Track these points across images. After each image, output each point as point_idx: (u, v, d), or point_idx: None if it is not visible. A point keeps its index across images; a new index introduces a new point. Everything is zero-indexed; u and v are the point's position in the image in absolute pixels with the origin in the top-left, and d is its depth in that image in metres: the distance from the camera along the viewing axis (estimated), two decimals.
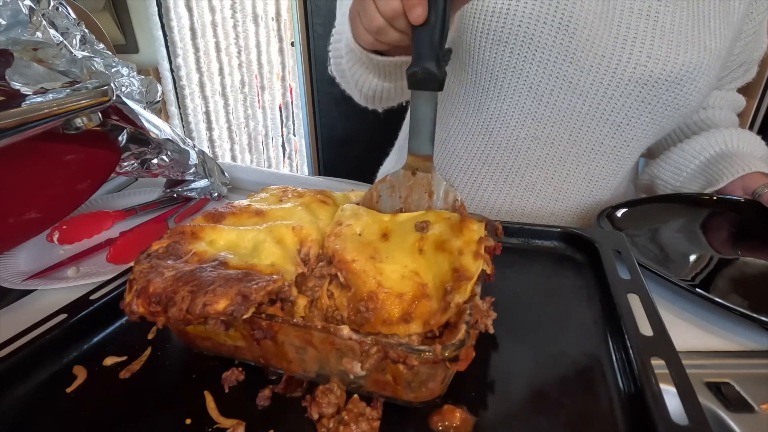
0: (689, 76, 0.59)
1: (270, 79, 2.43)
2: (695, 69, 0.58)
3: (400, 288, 0.35)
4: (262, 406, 0.33)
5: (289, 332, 0.32)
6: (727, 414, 0.35)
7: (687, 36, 0.58)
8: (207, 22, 1.98)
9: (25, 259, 0.59)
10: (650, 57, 0.57)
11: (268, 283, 0.33)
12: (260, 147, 2.49)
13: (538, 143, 0.66)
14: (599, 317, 0.41)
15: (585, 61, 0.58)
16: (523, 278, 0.47)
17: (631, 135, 0.65)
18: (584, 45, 0.57)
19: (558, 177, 0.69)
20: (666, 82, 0.59)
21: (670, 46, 0.57)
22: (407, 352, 0.28)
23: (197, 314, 0.31)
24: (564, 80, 0.60)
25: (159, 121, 0.67)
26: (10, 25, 0.50)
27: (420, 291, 0.35)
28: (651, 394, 0.30)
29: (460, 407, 0.32)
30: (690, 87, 0.60)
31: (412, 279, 0.36)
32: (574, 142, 0.66)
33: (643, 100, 0.61)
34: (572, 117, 0.63)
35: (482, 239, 0.37)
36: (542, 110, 0.63)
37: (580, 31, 0.57)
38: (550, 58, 0.59)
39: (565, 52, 0.58)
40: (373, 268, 0.37)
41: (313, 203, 0.46)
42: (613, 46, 0.57)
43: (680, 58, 0.58)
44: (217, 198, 0.77)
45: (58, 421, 0.33)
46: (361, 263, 0.37)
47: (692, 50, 0.58)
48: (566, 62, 0.59)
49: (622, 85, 0.59)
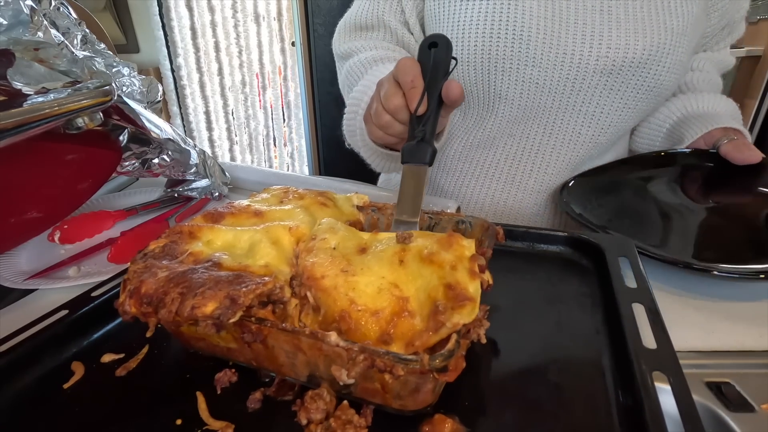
0: (652, 58, 0.61)
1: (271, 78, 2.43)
2: (657, 51, 0.60)
3: (375, 304, 0.32)
4: (252, 409, 0.33)
5: (279, 336, 0.32)
6: (728, 414, 0.35)
7: (645, 21, 0.60)
8: (207, 22, 1.99)
9: (26, 258, 0.59)
10: (610, 47, 0.60)
11: (257, 286, 0.32)
12: (261, 147, 2.49)
13: (513, 140, 0.70)
14: (602, 327, 0.40)
15: (547, 62, 0.61)
16: (526, 284, 0.47)
17: (606, 122, 0.67)
18: (542, 48, 0.61)
19: (538, 169, 0.71)
20: (630, 68, 0.61)
21: (628, 34, 0.59)
22: (394, 362, 0.28)
23: (185, 316, 0.31)
24: (530, 83, 0.64)
25: (160, 121, 0.67)
26: (11, 25, 0.50)
27: (399, 306, 0.32)
28: (650, 411, 0.29)
29: (451, 417, 0.31)
30: (656, 68, 0.62)
31: (390, 292, 0.32)
32: (550, 135, 0.68)
33: (611, 89, 0.63)
34: (544, 113, 0.66)
35: (474, 257, 0.35)
36: (514, 112, 0.67)
37: (534, 37, 0.60)
38: (512, 66, 0.63)
39: (525, 58, 0.62)
40: (344, 282, 0.33)
41: (313, 205, 0.46)
42: (573, 43, 0.60)
43: (639, 43, 0.60)
44: (218, 198, 0.77)
45: (52, 417, 0.34)
46: (331, 279, 0.34)
47: (651, 33, 0.60)
48: (528, 67, 0.62)
49: (588, 78, 0.62)
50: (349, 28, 0.76)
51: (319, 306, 0.34)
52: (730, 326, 0.45)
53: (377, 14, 0.72)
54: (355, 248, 0.38)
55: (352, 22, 0.75)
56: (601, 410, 0.32)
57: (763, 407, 0.35)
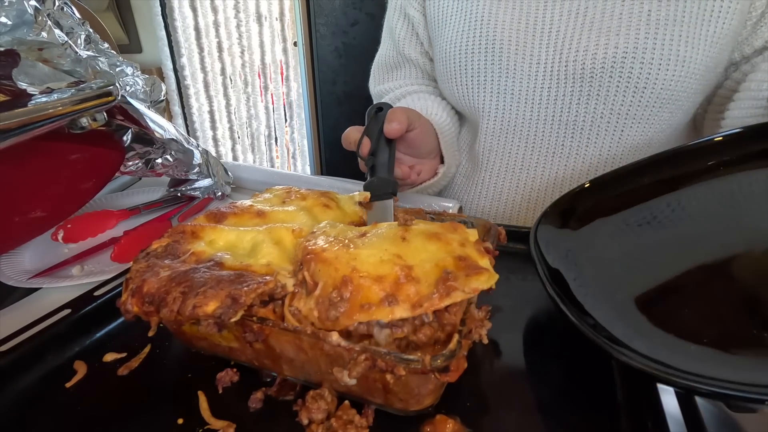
0: (630, 56, 0.55)
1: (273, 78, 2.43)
2: (637, 47, 0.55)
3: (378, 271, 0.31)
4: (254, 409, 0.34)
5: (280, 336, 0.32)
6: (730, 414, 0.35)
7: (622, 18, 0.55)
8: (210, 22, 1.99)
9: (30, 257, 0.59)
10: (578, 51, 0.57)
11: (259, 285, 0.33)
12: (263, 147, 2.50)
13: (496, 155, 0.70)
14: None
15: (521, 72, 0.61)
16: (528, 284, 0.47)
17: (594, 133, 0.62)
18: (515, 57, 0.60)
19: (523, 184, 0.70)
20: (602, 71, 0.57)
21: (600, 34, 0.56)
22: (395, 362, 0.28)
23: (187, 315, 0.31)
24: (507, 94, 0.63)
25: (163, 121, 0.67)
26: (15, 25, 0.50)
27: (404, 273, 0.31)
28: (652, 412, 0.29)
29: (453, 418, 0.31)
30: (640, 67, 0.56)
31: (393, 262, 0.32)
32: (532, 150, 0.67)
33: (588, 95, 0.59)
34: (523, 126, 0.65)
35: (479, 242, 0.35)
36: (492, 125, 0.67)
37: (507, 47, 0.60)
38: (487, 78, 0.63)
39: (499, 69, 0.62)
40: (346, 254, 0.33)
41: (316, 207, 0.46)
42: (545, 51, 0.59)
43: (612, 42, 0.55)
44: (221, 197, 0.77)
45: (54, 415, 0.34)
46: (332, 252, 0.33)
47: (628, 30, 0.55)
48: (503, 77, 0.62)
49: (561, 86, 0.60)
50: (380, 69, 0.82)
51: (315, 283, 0.32)
52: None
53: (400, 52, 0.77)
54: (356, 234, 0.37)
55: (381, 64, 0.81)
56: (603, 411, 0.32)
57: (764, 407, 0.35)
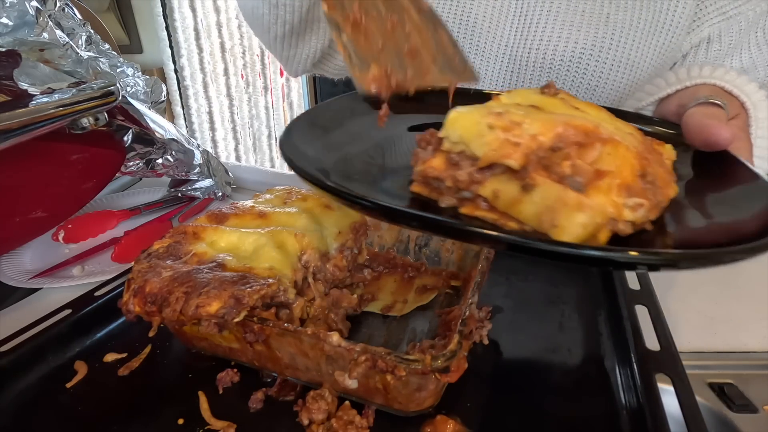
0: (587, 54, 0.56)
1: (274, 79, 2.43)
2: (595, 46, 0.56)
3: (627, 141, 0.26)
4: (254, 409, 0.34)
5: (281, 337, 0.32)
6: (730, 414, 0.35)
7: (585, 14, 0.56)
8: (212, 23, 1.99)
9: (30, 257, 0.59)
10: (542, 40, 0.57)
11: (262, 287, 0.33)
12: (264, 147, 2.50)
13: None
14: (605, 328, 0.40)
15: (490, 52, 0.60)
16: (529, 285, 0.47)
17: None
18: (486, 36, 0.59)
19: None
20: (561, 63, 0.57)
21: (564, 27, 0.56)
22: (396, 362, 0.28)
23: (190, 315, 0.31)
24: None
25: (164, 121, 0.67)
26: (17, 26, 0.51)
27: (648, 147, 0.28)
28: (653, 412, 0.29)
29: (453, 418, 0.31)
30: (594, 66, 0.56)
31: (634, 137, 0.28)
32: None
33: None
34: None
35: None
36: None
37: (480, 24, 0.59)
38: None
39: (470, 43, 0.60)
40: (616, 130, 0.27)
41: (317, 208, 0.45)
42: (514, 34, 0.59)
43: (573, 36, 0.56)
44: (221, 198, 0.77)
45: (55, 416, 0.34)
46: (606, 129, 0.26)
47: (588, 28, 0.55)
48: (472, 54, 0.61)
49: (525, 72, 0.60)
50: None
51: (599, 172, 0.25)
52: (732, 328, 0.45)
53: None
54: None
55: None
56: (604, 412, 0.32)
57: (765, 408, 0.35)
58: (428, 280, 0.46)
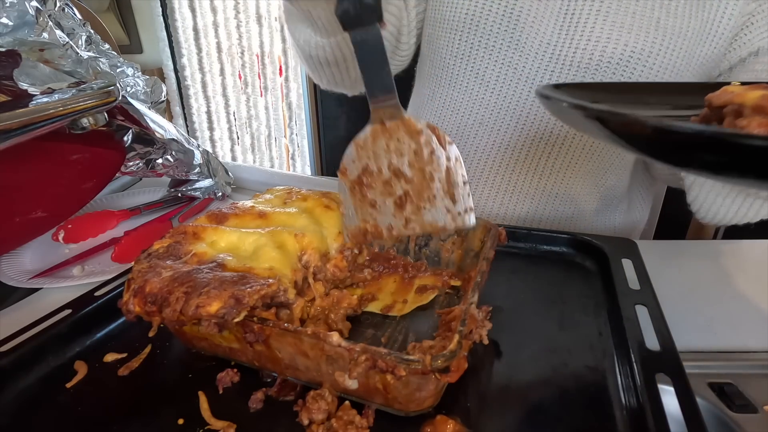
0: (636, 57, 0.55)
1: (273, 79, 2.43)
2: (644, 50, 0.55)
3: None
4: (254, 409, 0.33)
5: (281, 337, 0.32)
6: (730, 415, 0.35)
7: (635, 16, 0.54)
8: (210, 23, 1.99)
9: (30, 257, 0.59)
10: (590, 40, 0.55)
11: (262, 287, 0.33)
12: (263, 147, 2.50)
13: (485, 129, 0.65)
14: (605, 329, 0.40)
15: (530, 48, 0.58)
16: (529, 285, 0.47)
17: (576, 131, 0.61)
18: (529, 31, 0.58)
19: (506, 167, 0.67)
20: (608, 66, 0.56)
21: (613, 28, 0.54)
22: (396, 362, 0.28)
23: (190, 315, 0.31)
24: (510, 67, 0.60)
25: (164, 121, 0.67)
26: (17, 26, 0.51)
27: None
28: (654, 412, 0.29)
29: (453, 418, 0.31)
30: (641, 70, 0.56)
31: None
32: (521, 131, 0.64)
33: None
34: (518, 104, 0.62)
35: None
36: (488, 96, 0.63)
37: (524, 17, 0.57)
38: (496, 45, 0.59)
39: (510, 38, 0.58)
40: None
41: (317, 208, 0.45)
42: (558, 32, 0.57)
43: (623, 39, 0.54)
44: (221, 197, 0.77)
45: (55, 416, 0.34)
46: None
47: (639, 31, 0.54)
48: (511, 48, 0.59)
49: (565, 71, 0.58)
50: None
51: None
52: (732, 328, 0.45)
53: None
54: None
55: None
56: (604, 412, 0.32)
57: (765, 408, 0.35)
58: (428, 280, 0.46)
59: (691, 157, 0.22)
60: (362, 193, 0.41)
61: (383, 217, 0.41)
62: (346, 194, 0.41)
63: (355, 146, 0.41)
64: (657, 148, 0.24)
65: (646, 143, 0.25)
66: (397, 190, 0.40)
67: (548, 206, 0.69)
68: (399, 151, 0.39)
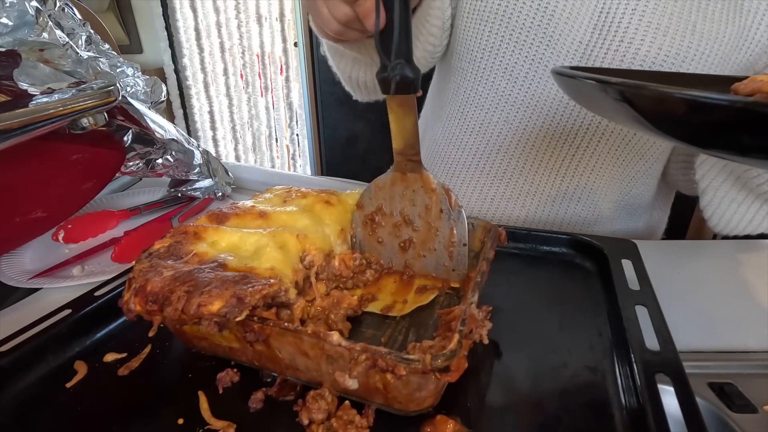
0: (670, 62, 0.54)
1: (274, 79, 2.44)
2: (679, 55, 0.53)
3: None
4: (254, 409, 0.33)
5: (281, 336, 0.32)
6: (730, 415, 0.35)
7: (672, 18, 0.53)
8: (211, 23, 1.99)
9: (30, 257, 0.59)
10: (622, 40, 0.54)
11: (263, 287, 0.33)
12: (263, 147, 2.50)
13: (510, 127, 0.63)
14: (605, 329, 0.40)
15: (562, 46, 0.56)
16: (529, 285, 0.47)
17: (609, 129, 0.60)
18: (563, 28, 0.56)
19: (530, 167, 0.65)
20: (642, 68, 0.54)
21: (648, 30, 0.53)
22: (396, 361, 0.28)
23: (191, 314, 0.31)
24: (540, 64, 0.58)
25: (164, 122, 0.67)
26: (17, 26, 0.51)
27: None
28: (653, 412, 0.29)
29: (453, 418, 0.31)
30: None
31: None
32: (547, 131, 0.62)
33: None
34: (546, 103, 0.60)
35: None
36: (516, 93, 0.61)
37: (559, 14, 0.55)
38: (527, 40, 0.58)
39: (543, 34, 0.57)
40: None
41: (317, 204, 0.45)
42: (592, 30, 0.55)
43: (657, 41, 0.53)
44: (221, 198, 0.77)
45: (55, 415, 0.34)
46: None
47: (674, 34, 0.53)
48: (543, 45, 0.57)
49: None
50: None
51: None
52: (732, 328, 0.45)
53: None
54: None
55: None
56: (604, 412, 0.32)
57: (765, 408, 0.35)
58: (428, 280, 0.46)
59: (725, 130, 0.21)
60: (372, 228, 0.46)
61: (386, 254, 0.47)
62: (358, 226, 0.46)
63: (375, 186, 0.45)
64: (687, 121, 0.23)
65: (675, 119, 0.24)
66: (403, 235, 0.45)
67: (569, 210, 0.67)
68: (413, 201, 0.44)
